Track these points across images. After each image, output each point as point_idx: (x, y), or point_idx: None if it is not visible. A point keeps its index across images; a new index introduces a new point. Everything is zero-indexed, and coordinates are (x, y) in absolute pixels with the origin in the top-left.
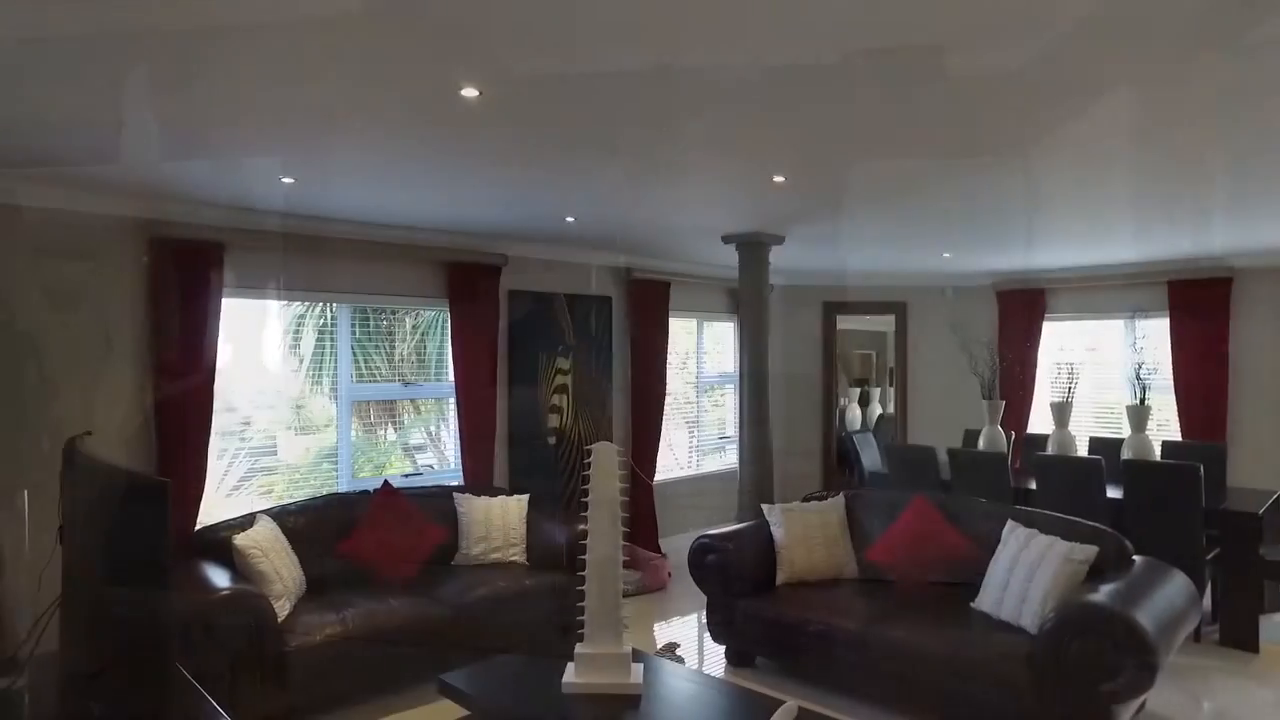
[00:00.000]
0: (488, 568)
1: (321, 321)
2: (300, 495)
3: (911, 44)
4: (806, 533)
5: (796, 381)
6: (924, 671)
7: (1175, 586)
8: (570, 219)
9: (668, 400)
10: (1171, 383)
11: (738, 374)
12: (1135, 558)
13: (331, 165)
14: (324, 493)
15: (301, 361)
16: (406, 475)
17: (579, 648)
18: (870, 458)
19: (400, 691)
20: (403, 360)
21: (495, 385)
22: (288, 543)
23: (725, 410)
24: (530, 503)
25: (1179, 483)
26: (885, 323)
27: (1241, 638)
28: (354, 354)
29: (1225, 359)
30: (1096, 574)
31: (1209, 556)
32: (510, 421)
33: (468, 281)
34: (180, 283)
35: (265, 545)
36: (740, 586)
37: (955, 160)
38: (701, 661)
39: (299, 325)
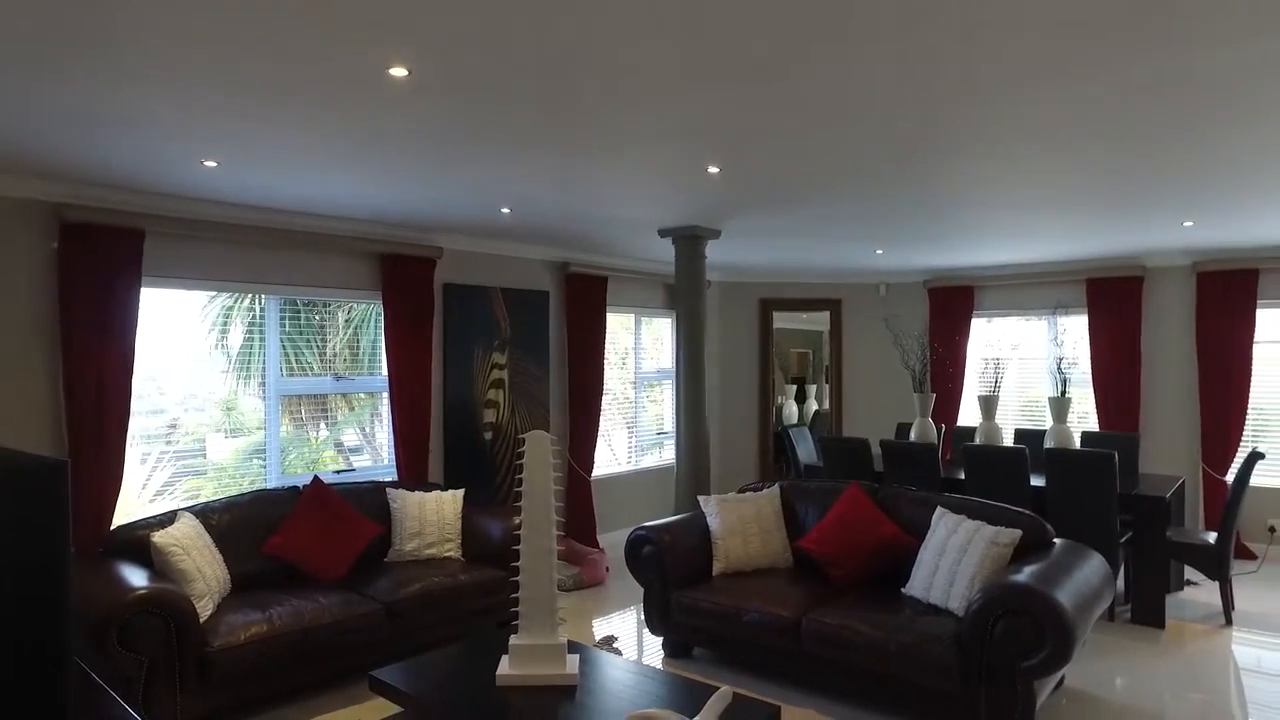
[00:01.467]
0: (422, 563)
1: (251, 315)
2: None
3: (840, 37)
4: (742, 523)
5: (734, 377)
6: (856, 656)
7: (1092, 567)
8: (505, 210)
9: (607, 398)
10: (1090, 376)
11: (675, 369)
12: (1056, 540)
13: (256, 149)
14: (251, 489)
15: (230, 358)
16: (339, 472)
17: (513, 639)
18: (806, 451)
19: (332, 690)
20: (335, 355)
21: (430, 380)
22: (211, 540)
23: (663, 406)
24: (466, 497)
25: (1096, 470)
26: (821, 321)
27: (1150, 615)
28: (284, 348)
29: (1138, 353)
30: (1020, 556)
31: (1123, 539)
32: (445, 416)
33: (402, 274)
34: (94, 270)
35: (187, 543)
36: (677, 578)
37: (885, 156)
38: (641, 654)
39: (226, 318)
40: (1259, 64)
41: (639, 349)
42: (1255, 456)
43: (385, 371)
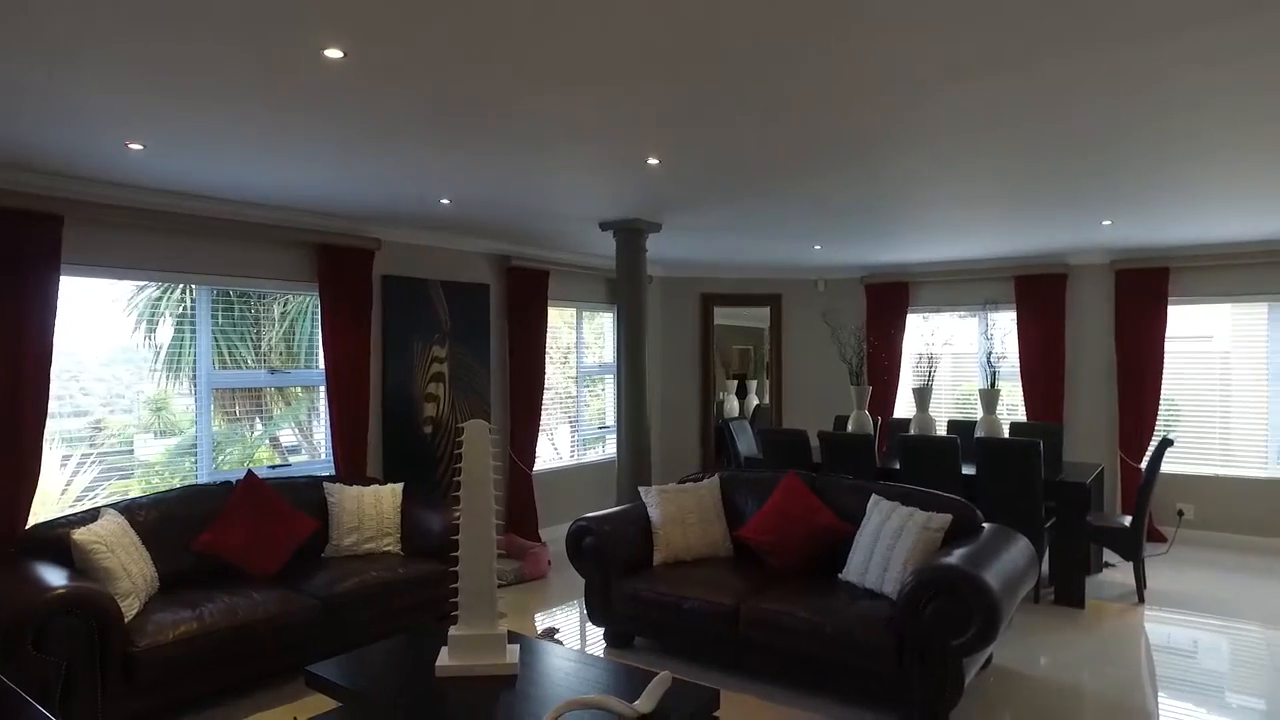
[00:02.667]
0: (360, 558)
1: (181, 308)
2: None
3: (775, 32)
4: (682, 513)
5: (676, 371)
6: (794, 641)
7: (1019, 549)
8: (445, 201)
9: (549, 394)
10: (1019, 369)
11: (616, 363)
12: (985, 525)
13: (185, 132)
14: (180, 484)
15: (158, 353)
16: (274, 467)
17: (452, 630)
18: (746, 443)
19: (268, 688)
20: (271, 349)
21: (368, 373)
22: (138, 538)
23: (605, 401)
24: (405, 491)
25: (1022, 458)
26: (762, 319)
27: (1072, 596)
28: (216, 342)
29: (1062, 348)
30: (951, 540)
31: (1048, 524)
32: (385, 410)
33: (339, 266)
34: (6, 258)
35: (111, 540)
36: (618, 568)
37: (820, 151)
38: (583, 645)
39: (154, 311)
40: (1166, 63)
41: (581, 344)
42: (1165, 443)
43: (322, 365)
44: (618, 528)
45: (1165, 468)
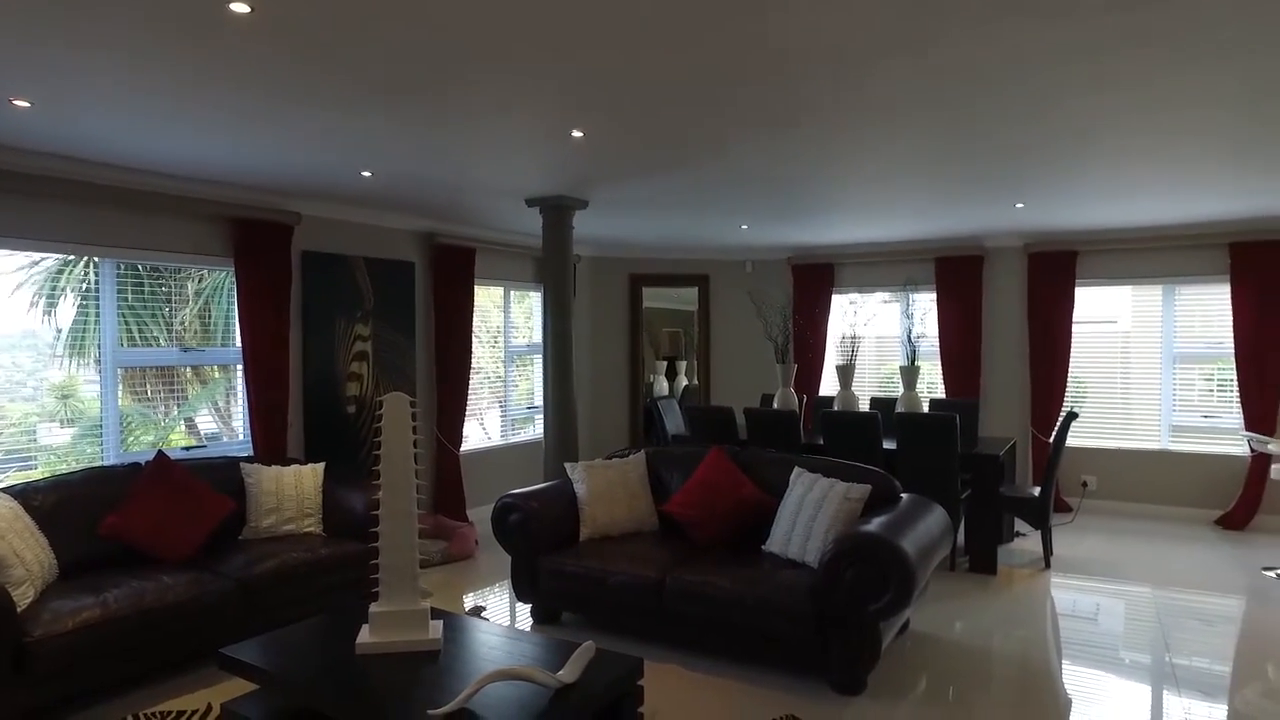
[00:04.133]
0: (280, 539)
1: (84, 284)
2: None
3: (692, 6)
4: (609, 489)
5: (605, 351)
6: (718, 611)
7: (935, 518)
8: (366, 174)
9: (478, 377)
10: (938, 348)
11: (543, 342)
12: (903, 495)
13: (78, 89)
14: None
15: (60, 333)
16: (188, 449)
17: (373, 607)
18: (674, 422)
19: (182, 674)
20: (185, 327)
21: (288, 352)
22: (33, 523)
23: (534, 381)
24: (327, 471)
25: (940, 432)
26: (691, 300)
27: (985, 564)
28: (124, 319)
29: (979, 327)
30: (870, 510)
31: (964, 495)
32: (306, 390)
33: (256, 240)
34: None
35: (2, 525)
36: (544, 544)
37: (739, 127)
38: (512, 623)
39: (54, 287)
40: (1063, 48)
41: (509, 324)
42: (1071, 416)
43: (239, 343)
44: (544, 504)
45: (1071, 441)
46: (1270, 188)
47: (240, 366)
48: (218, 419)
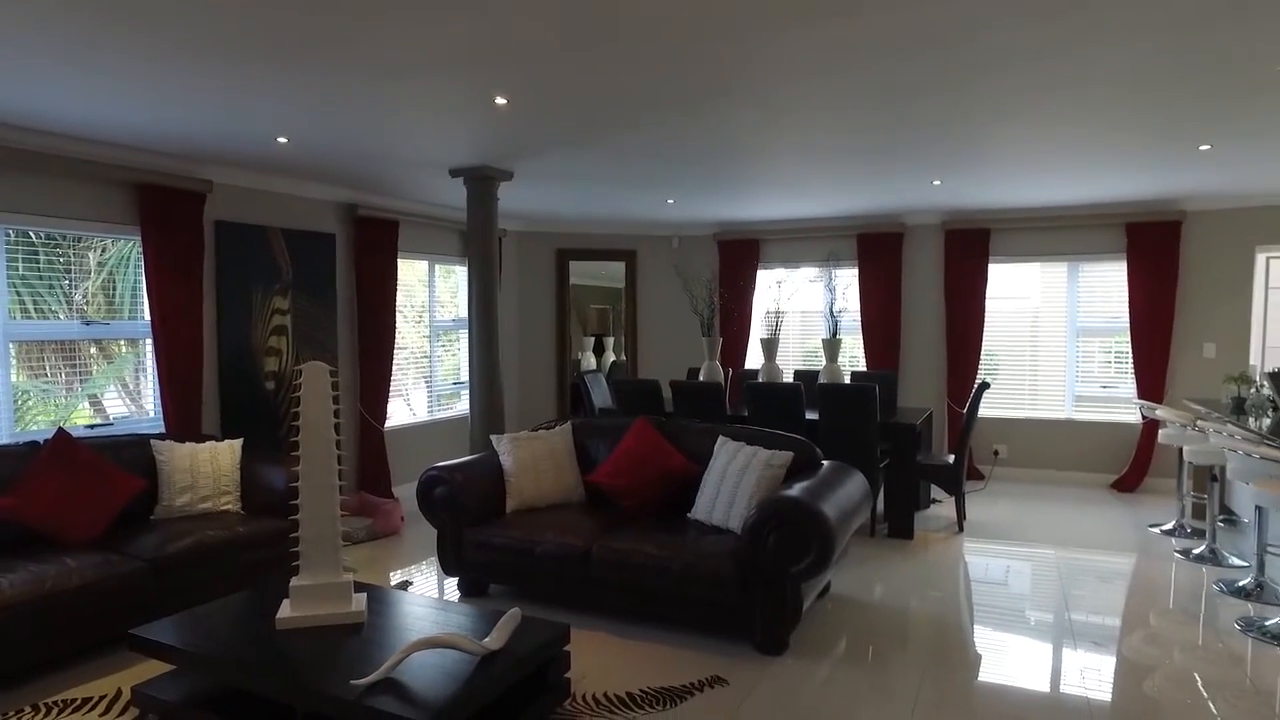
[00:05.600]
0: (196, 518)
1: None
2: None
3: None
4: (535, 460)
5: (532, 326)
6: (644, 577)
7: (855, 483)
8: (282, 140)
9: (403, 354)
10: (859, 323)
11: (469, 316)
12: (824, 462)
13: None
14: None
15: None
16: (92, 426)
17: (294, 581)
18: (600, 395)
19: (91, 660)
20: (88, 300)
21: (201, 325)
22: None
23: (460, 356)
24: (245, 447)
25: (860, 402)
26: (619, 278)
27: (902, 529)
28: (16, 291)
29: (898, 302)
30: (792, 476)
31: (883, 464)
32: (221, 365)
33: (164, 208)
34: None
35: None
36: (470, 516)
37: (662, 95)
38: (441, 597)
39: None
40: (973, 21)
41: (433, 299)
42: (983, 386)
43: (148, 316)
44: (470, 476)
45: (984, 412)
46: (1161, 170)
47: (149, 341)
48: (126, 396)
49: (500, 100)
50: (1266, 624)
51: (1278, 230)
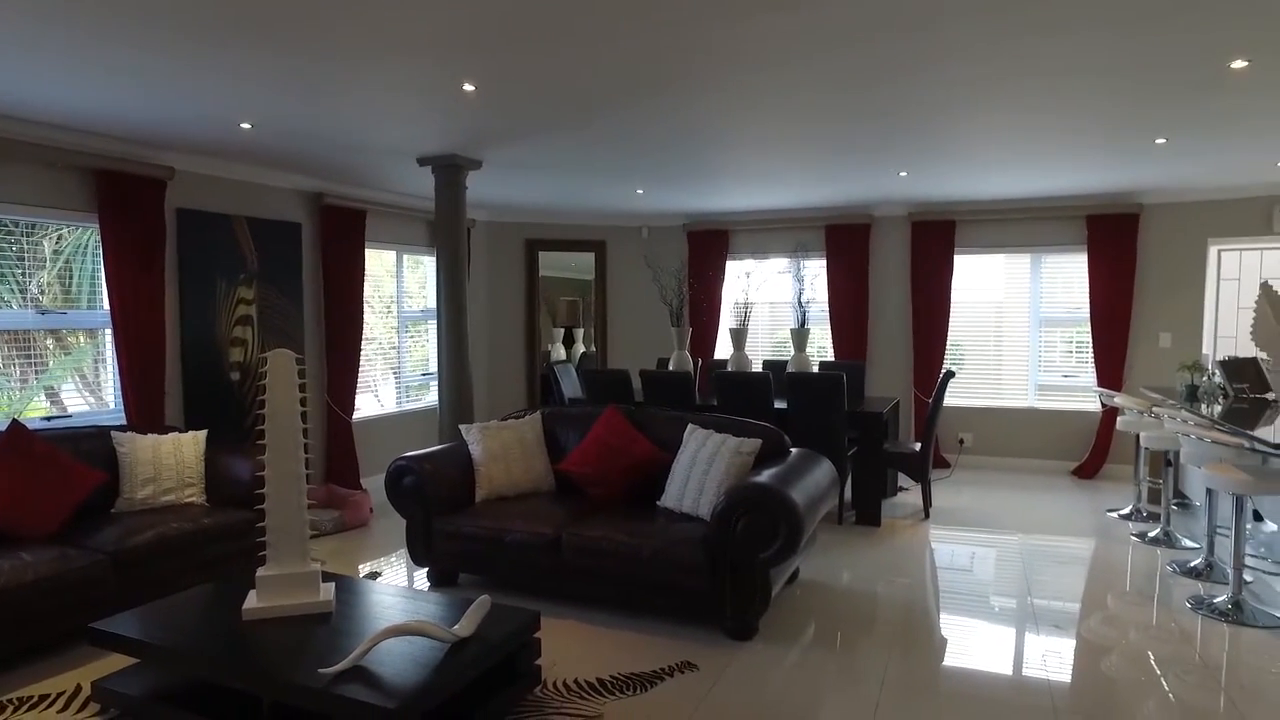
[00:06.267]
0: (159, 511)
1: None
2: None
3: None
4: (504, 449)
5: (501, 317)
6: (614, 564)
7: (823, 470)
8: (246, 126)
9: (371, 345)
10: (828, 313)
11: (437, 307)
12: (792, 449)
13: None
14: None
15: None
16: (49, 419)
17: (260, 571)
18: (570, 385)
19: (50, 656)
20: (43, 289)
21: (164, 315)
22: None
23: (429, 347)
24: (210, 439)
25: (828, 391)
26: (588, 270)
27: (870, 516)
28: None
29: (866, 293)
30: (761, 463)
31: (851, 452)
32: (185, 355)
33: (124, 195)
34: None
35: None
36: (439, 506)
37: (630, 83)
38: (410, 586)
39: None
40: (938, 9)
41: (401, 290)
42: (948, 375)
43: (107, 306)
44: (439, 466)
45: (949, 401)
46: (1120, 163)
47: (109, 331)
48: (84, 389)
49: (469, 87)
50: (1215, 601)
51: (1229, 223)
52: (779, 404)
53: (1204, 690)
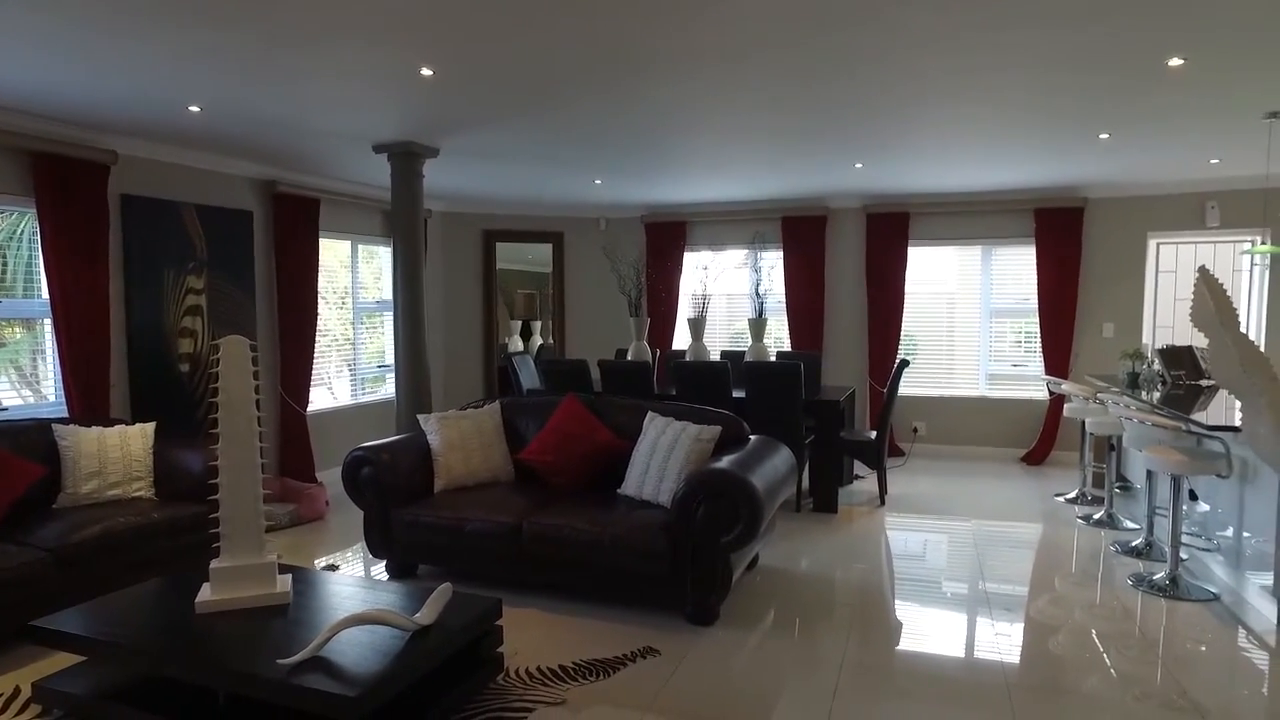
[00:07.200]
0: (104, 505)
1: None
2: None
3: None
4: (463, 439)
5: (458, 308)
6: (575, 552)
7: (781, 457)
8: (195, 109)
9: (326, 340)
10: (785, 304)
11: (393, 297)
12: (752, 436)
13: None
14: None
15: None
16: None
17: (214, 563)
18: (528, 376)
19: None
20: None
21: (108, 305)
22: None
23: (385, 339)
24: (158, 431)
25: (785, 380)
26: (546, 263)
27: (827, 504)
28: None
29: (822, 284)
30: (720, 450)
31: (808, 440)
32: (131, 346)
33: (64, 180)
34: None
35: None
36: (397, 497)
37: (588, 68)
38: (369, 578)
39: None
40: (885, 2)
41: (356, 282)
42: (903, 364)
43: (46, 295)
44: (396, 456)
45: (903, 391)
46: (1066, 157)
47: (49, 321)
48: (21, 383)
49: (426, 71)
50: (1154, 579)
51: (1167, 218)
52: (737, 393)
53: (1143, 663)
